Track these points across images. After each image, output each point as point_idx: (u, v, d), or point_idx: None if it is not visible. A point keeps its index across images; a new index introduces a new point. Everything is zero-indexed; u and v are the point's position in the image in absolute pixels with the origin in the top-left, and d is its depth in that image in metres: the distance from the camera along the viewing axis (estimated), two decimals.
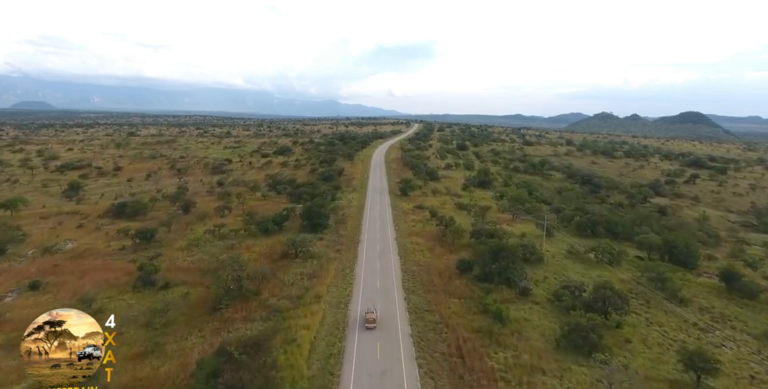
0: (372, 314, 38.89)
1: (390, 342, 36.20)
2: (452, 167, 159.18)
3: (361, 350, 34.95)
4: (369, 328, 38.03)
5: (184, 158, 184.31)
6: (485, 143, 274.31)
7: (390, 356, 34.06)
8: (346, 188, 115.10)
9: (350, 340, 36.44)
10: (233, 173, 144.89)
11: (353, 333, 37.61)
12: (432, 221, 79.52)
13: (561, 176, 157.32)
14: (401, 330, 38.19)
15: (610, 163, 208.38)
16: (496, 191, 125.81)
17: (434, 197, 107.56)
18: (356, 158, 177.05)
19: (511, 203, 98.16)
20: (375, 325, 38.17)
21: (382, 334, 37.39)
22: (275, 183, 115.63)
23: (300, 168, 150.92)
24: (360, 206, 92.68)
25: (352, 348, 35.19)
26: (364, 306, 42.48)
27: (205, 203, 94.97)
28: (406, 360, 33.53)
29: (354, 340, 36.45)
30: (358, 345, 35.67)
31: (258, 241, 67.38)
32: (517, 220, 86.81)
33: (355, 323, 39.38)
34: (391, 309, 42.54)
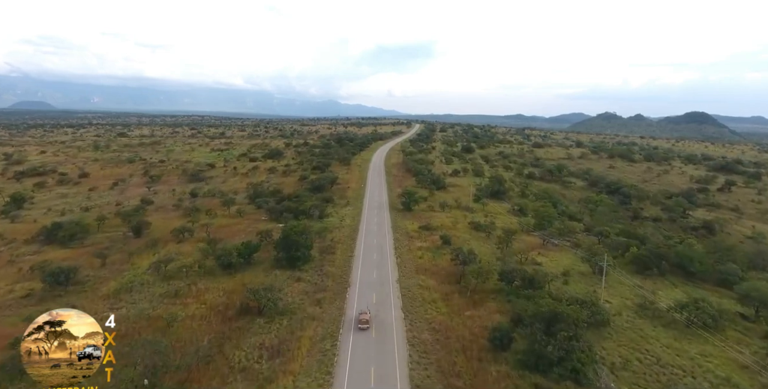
0: (366, 314, 38.15)
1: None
2: (459, 173, 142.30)
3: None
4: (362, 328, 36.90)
5: (164, 162, 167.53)
6: (492, 145, 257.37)
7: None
8: (340, 200, 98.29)
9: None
10: (213, 181, 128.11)
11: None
12: (444, 250, 62.71)
13: (582, 184, 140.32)
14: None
15: (629, 167, 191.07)
16: (512, 202, 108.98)
17: (443, 212, 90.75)
18: (353, 163, 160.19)
19: (537, 221, 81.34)
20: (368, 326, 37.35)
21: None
22: (256, 195, 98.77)
23: (289, 175, 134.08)
24: (354, 226, 75.82)
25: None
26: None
27: (165, 223, 78.16)
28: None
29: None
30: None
31: (215, 283, 50.54)
32: (548, 245, 69.96)
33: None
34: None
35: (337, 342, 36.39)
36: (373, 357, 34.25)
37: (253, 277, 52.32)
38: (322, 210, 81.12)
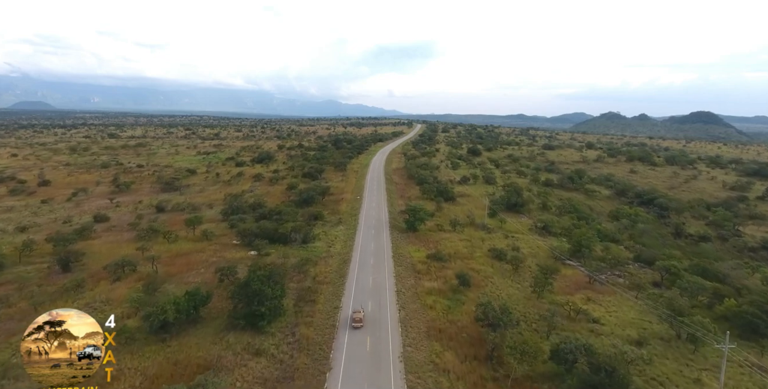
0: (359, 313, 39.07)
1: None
2: (469, 180, 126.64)
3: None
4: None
5: (141, 167, 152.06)
6: (499, 147, 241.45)
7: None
8: (331, 216, 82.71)
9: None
10: (189, 190, 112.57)
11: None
12: (462, 296, 47.10)
13: (608, 193, 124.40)
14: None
15: (652, 172, 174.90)
16: (533, 217, 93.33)
17: (454, 231, 75.19)
18: (350, 168, 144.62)
19: (573, 245, 65.60)
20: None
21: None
22: (232, 210, 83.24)
23: (277, 183, 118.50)
24: (345, 255, 60.13)
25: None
26: None
27: (111, 249, 62.64)
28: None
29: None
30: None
31: (137, 357, 34.99)
32: (594, 283, 54.21)
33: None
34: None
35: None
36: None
37: (197, 345, 36.78)
38: (307, 233, 65.38)
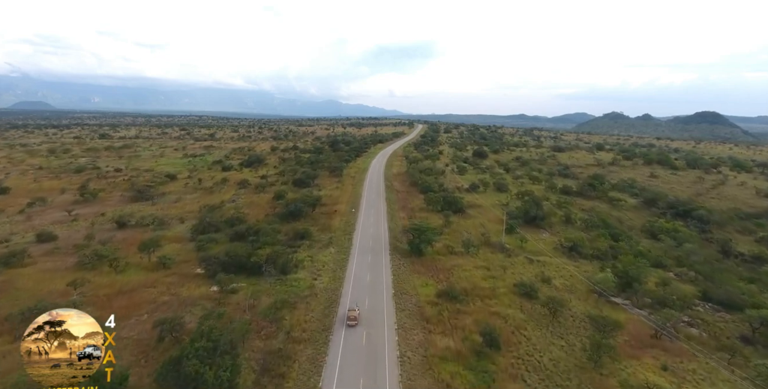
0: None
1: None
2: (479, 187, 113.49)
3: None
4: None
5: (119, 171, 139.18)
6: (506, 149, 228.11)
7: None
8: (320, 234, 69.73)
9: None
10: (163, 200, 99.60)
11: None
12: (489, 362, 34.13)
13: (634, 202, 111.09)
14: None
15: (674, 176, 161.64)
16: (556, 232, 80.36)
17: (468, 255, 62.14)
18: (346, 173, 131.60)
19: (620, 279, 52.48)
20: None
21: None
22: (203, 226, 70.35)
23: (263, 191, 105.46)
24: (332, 294, 47.05)
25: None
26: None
27: (42, 282, 49.72)
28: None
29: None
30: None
31: None
32: (662, 338, 41.11)
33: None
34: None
35: None
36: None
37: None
38: (287, 262, 52.36)
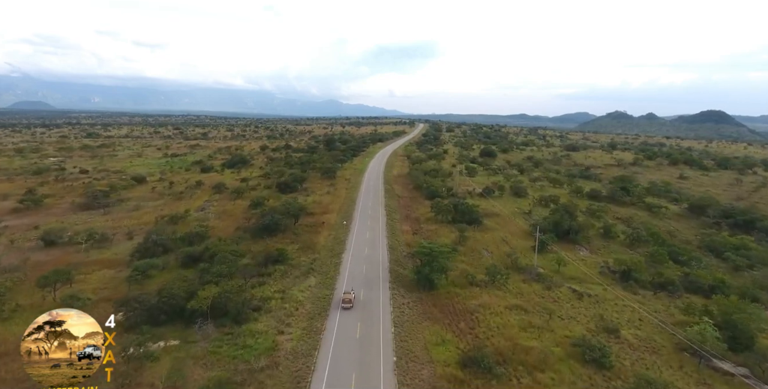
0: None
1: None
2: (494, 192, 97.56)
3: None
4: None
5: (85, 173, 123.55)
6: (515, 148, 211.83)
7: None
8: (300, 257, 53.80)
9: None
10: (119, 208, 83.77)
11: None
12: None
13: (676, 209, 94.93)
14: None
15: (706, 178, 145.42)
16: (599, 251, 64.42)
17: (494, 288, 46.18)
18: (341, 175, 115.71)
19: (727, 331, 36.50)
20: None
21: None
22: (148, 246, 54.52)
23: (241, 196, 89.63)
24: (302, 360, 31.16)
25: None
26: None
27: None
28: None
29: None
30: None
31: None
32: None
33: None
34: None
35: None
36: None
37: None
38: (242, 304, 36.44)
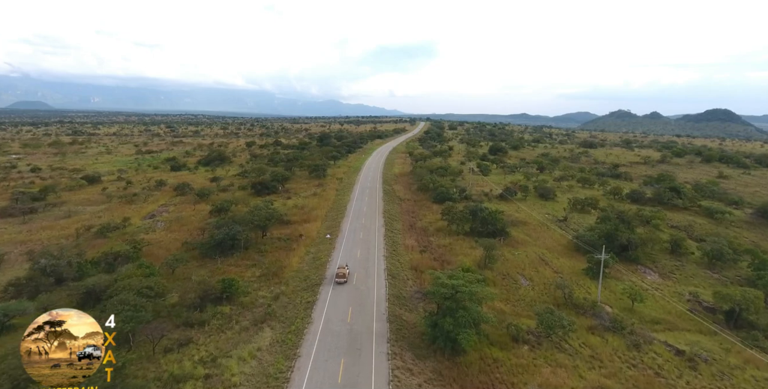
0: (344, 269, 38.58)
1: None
2: (515, 193, 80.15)
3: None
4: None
5: (36, 171, 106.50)
6: (526, 145, 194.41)
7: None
8: (258, 291, 36.47)
9: None
10: (46, 214, 66.50)
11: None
12: None
13: (742, 215, 77.50)
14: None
15: (748, 177, 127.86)
16: (673, 276, 47.13)
17: (552, 348, 28.83)
18: (332, 174, 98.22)
19: None
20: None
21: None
22: (33, 275, 37.20)
23: (204, 199, 72.31)
24: None
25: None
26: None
27: None
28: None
29: None
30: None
31: None
32: None
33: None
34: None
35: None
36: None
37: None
38: None
